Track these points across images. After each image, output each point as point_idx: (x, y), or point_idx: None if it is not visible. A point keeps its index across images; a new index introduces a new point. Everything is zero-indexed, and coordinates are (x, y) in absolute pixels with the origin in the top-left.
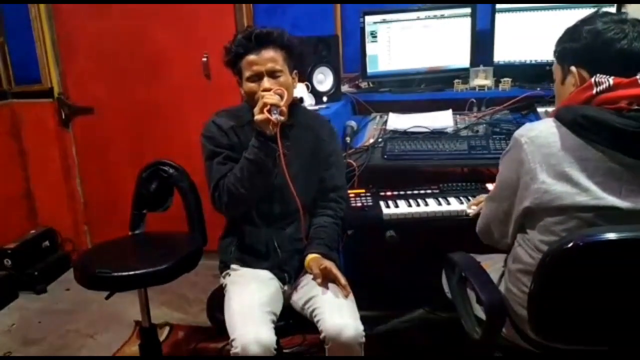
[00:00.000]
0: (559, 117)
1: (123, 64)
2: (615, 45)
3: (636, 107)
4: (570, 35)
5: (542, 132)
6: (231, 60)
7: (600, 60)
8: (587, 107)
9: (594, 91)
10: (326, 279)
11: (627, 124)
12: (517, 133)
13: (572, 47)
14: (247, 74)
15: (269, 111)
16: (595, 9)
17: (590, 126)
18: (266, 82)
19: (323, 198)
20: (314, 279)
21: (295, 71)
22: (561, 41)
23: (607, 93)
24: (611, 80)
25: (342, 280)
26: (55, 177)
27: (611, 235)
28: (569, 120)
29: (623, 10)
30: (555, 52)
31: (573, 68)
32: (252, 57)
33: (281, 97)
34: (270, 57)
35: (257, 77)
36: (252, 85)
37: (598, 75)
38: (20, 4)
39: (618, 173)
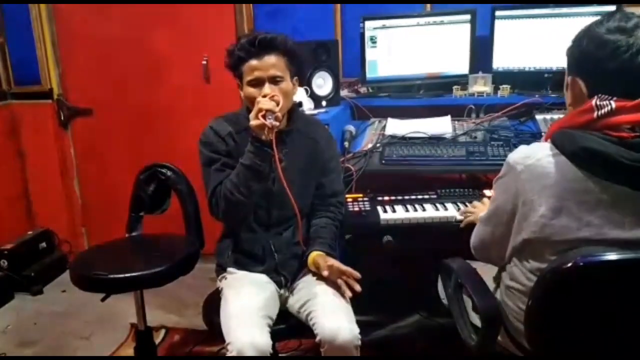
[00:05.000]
0: (556, 144)
1: (123, 66)
2: (616, 60)
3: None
4: (577, 40)
5: (540, 160)
6: (233, 64)
7: (598, 75)
8: (587, 136)
9: (595, 115)
10: (333, 276)
11: (631, 158)
12: (512, 159)
13: (573, 54)
14: (248, 78)
15: (264, 116)
16: (597, 13)
17: (592, 159)
18: (267, 88)
19: (322, 203)
20: (318, 272)
21: (295, 77)
22: (570, 45)
23: (609, 118)
24: (613, 103)
25: (355, 273)
26: (54, 179)
27: (611, 256)
28: (569, 151)
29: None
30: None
31: (569, 78)
32: (254, 62)
33: (277, 103)
34: (273, 63)
35: (258, 83)
36: (252, 90)
37: (600, 96)
38: (21, 4)
39: (621, 205)
